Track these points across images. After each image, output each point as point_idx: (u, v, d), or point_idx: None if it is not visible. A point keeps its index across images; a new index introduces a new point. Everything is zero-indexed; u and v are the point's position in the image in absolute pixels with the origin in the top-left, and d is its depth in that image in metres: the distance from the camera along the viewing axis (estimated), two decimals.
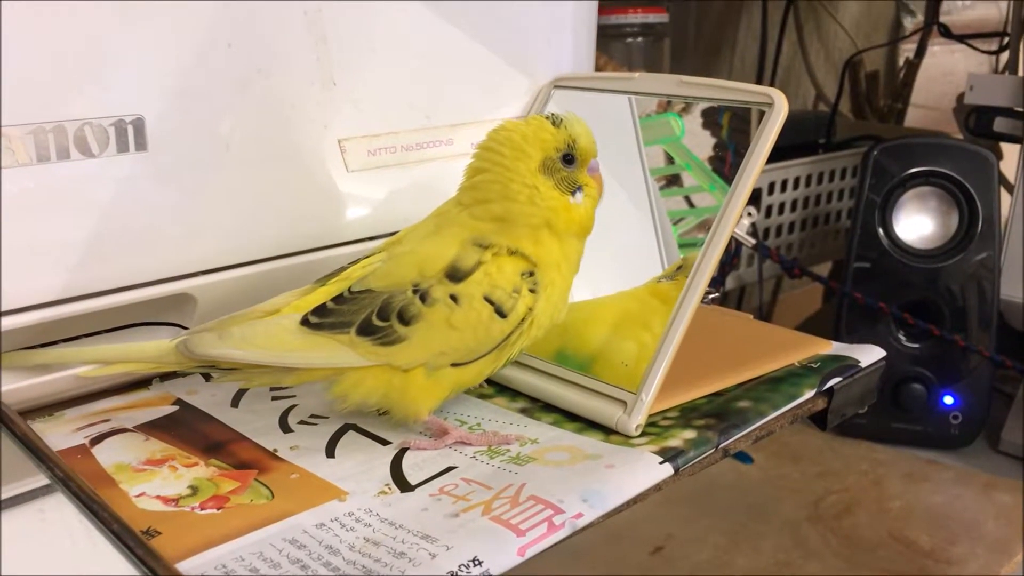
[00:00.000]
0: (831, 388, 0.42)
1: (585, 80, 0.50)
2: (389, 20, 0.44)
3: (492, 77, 0.49)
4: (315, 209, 0.43)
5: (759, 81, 1.12)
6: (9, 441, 0.35)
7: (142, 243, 0.38)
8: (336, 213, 0.44)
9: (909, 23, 1.30)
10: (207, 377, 0.44)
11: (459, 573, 0.29)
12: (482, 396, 0.42)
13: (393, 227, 0.47)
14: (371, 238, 0.46)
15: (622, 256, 0.47)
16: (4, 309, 0.36)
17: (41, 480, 0.34)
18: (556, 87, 0.50)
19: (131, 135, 0.36)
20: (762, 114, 0.42)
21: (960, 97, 0.92)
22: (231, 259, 0.41)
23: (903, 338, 0.77)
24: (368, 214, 0.45)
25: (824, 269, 1.04)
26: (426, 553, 0.30)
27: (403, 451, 0.37)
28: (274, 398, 0.42)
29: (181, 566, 0.29)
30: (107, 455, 0.37)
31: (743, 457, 0.74)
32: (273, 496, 0.34)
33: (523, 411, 0.41)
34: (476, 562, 0.30)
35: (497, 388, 0.43)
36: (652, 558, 0.62)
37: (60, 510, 0.32)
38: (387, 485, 0.35)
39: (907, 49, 1.29)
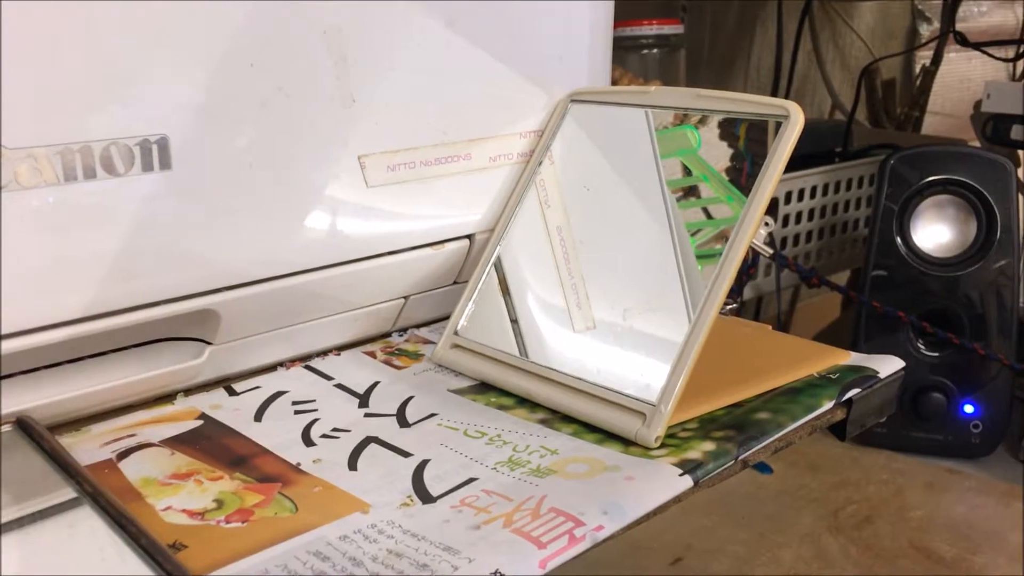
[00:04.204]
0: (850, 399, 0.42)
1: (601, 94, 0.50)
2: (406, 38, 0.44)
3: (509, 92, 0.49)
4: (336, 225, 0.44)
5: (775, 90, 1.12)
6: (38, 455, 0.36)
7: (167, 260, 0.39)
8: (357, 228, 0.45)
9: (925, 30, 1.30)
10: (231, 391, 0.44)
11: None
12: (502, 407, 0.43)
13: (413, 242, 0.47)
14: (391, 252, 0.47)
15: (639, 269, 0.47)
16: (31, 327, 0.36)
17: (70, 493, 0.35)
18: (573, 101, 0.51)
19: (156, 154, 0.37)
20: (779, 125, 0.43)
21: (977, 104, 0.92)
22: (254, 275, 0.42)
23: (922, 347, 0.77)
24: (388, 229, 0.46)
25: (842, 278, 1.04)
26: (448, 565, 0.31)
27: (424, 463, 0.38)
28: (296, 412, 0.43)
29: None
30: (134, 469, 0.37)
31: (762, 467, 0.74)
32: (297, 509, 0.35)
33: (543, 422, 0.41)
34: (498, 575, 0.30)
35: (517, 399, 0.43)
36: (672, 568, 0.63)
37: (90, 523, 0.33)
38: (409, 497, 0.35)
39: (923, 56, 1.28)
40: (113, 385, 0.40)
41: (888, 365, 0.45)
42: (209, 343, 0.43)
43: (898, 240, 0.77)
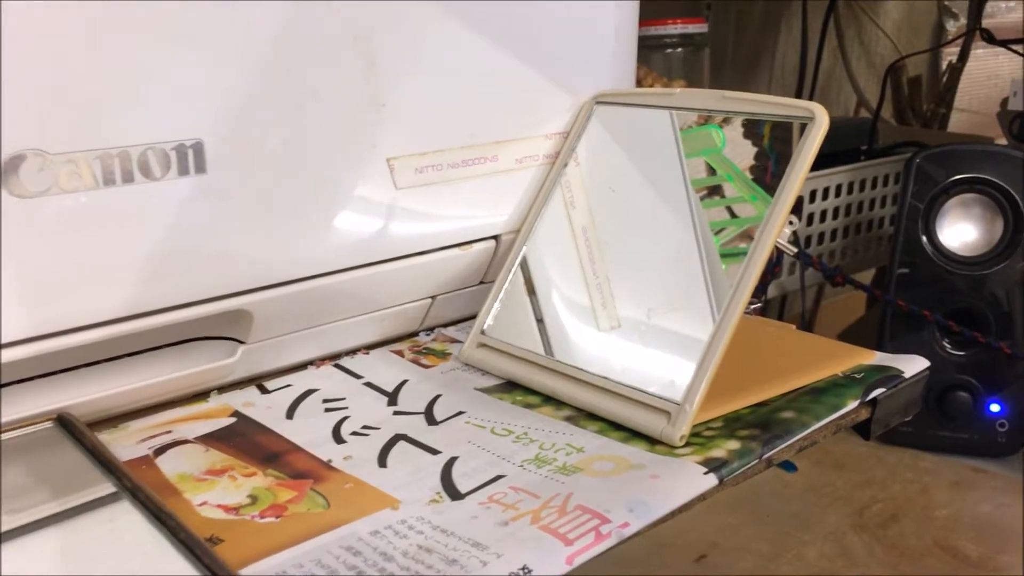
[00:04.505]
0: (875, 399, 0.42)
1: (626, 96, 0.51)
2: (434, 42, 0.45)
3: (535, 94, 0.50)
4: (366, 226, 0.45)
5: (799, 88, 1.11)
6: (78, 451, 0.37)
7: (201, 261, 0.40)
8: (386, 229, 0.45)
9: (952, 27, 1.29)
10: (263, 390, 0.45)
11: None
12: (528, 406, 0.43)
13: (441, 243, 0.48)
14: (419, 253, 0.47)
15: (664, 268, 0.48)
16: (71, 327, 0.37)
17: (109, 488, 0.36)
18: (598, 103, 0.51)
19: (191, 158, 0.38)
20: (804, 126, 0.43)
21: (1004, 102, 0.91)
22: (286, 275, 0.42)
23: (948, 345, 0.77)
24: (416, 230, 0.47)
25: (867, 276, 1.04)
26: (477, 560, 0.32)
27: (452, 460, 0.39)
28: (327, 410, 0.44)
29: (244, 572, 0.31)
30: (170, 465, 0.38)
31: (787, 466, 0.74)
32: (329, 505, 0.36)
33: (569, 419, 0.42)
34: (526, 570, 0.31)
35: (543, 398, 0.44)
36: (696, 566, 0.63)
37: (129, 517, 0.34)
38: (438, 493, 0.36)
39: (950, 53, 1.28)
40: (149, 383, 0.41)
41: (913, 365, 0.45)
42: (242, 342, 0.44)
43: (923, 239, 0.77)
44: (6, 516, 0.35)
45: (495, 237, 0.50)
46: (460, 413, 0.43)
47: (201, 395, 0.45)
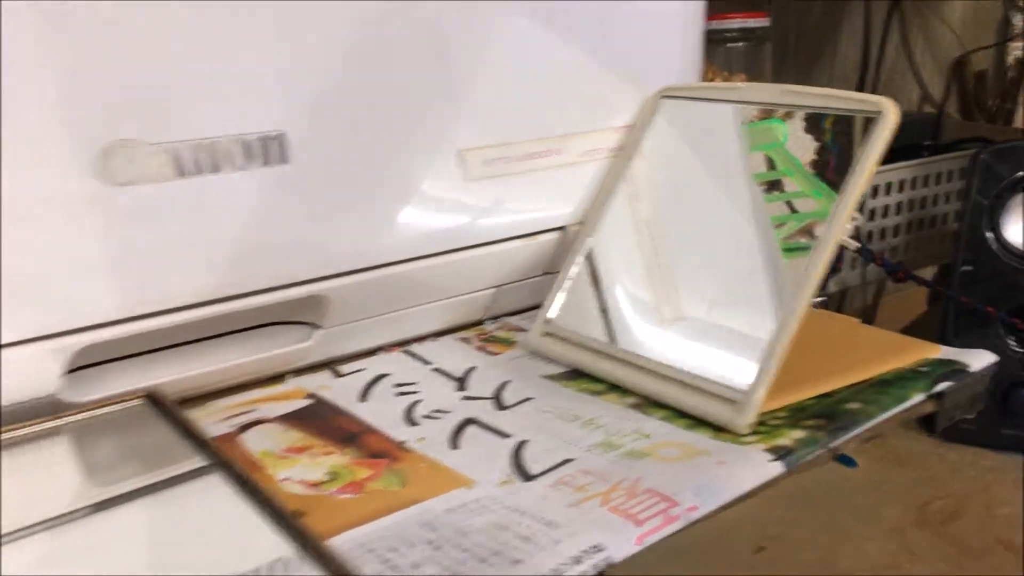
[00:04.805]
0: (941, 392, 0.43)
1: (692, 90, 0.51)
2: (505, 37, 0.46)
3: (601, 89, 0.51)
4: (437, 216, 0.46)
5: (861, 82, 1.10)
6: (165, 427, 0.39)
7: (282, 249, 0.41)
8: (456, 220, 0.47)
9: (1019, 21, 1.27)
10: (336, 373, 0.47)
11: (583, 558, 0.32)
12: (594, 393, 0.44)
13: (508, 233, 0.49)
14: (487, 243, 0.49)
15: (726, 262, 0.48)
16: (160, 309, 0.39)
17: (195, 463, 0.37)
18: (664, 97, 0.52)
19: (274, 149, 0.39)
20: (868, 120, 0.43)
21: None
22: (361, 263, 0.44)
23: (1012, 343, 0.76)
24: (485, 220, 0.48)
25: (927, 273, 1.03)
26: (550, 538, 0.33)
27: (522, 443, 0.40)
28: (398, 394, 0.45)
29: (329, 543, 0.32)
30: (253, 443, 0.40)
31: (847, 461, 0.74)
32: (405, 483, 0.37)
33: (634, 407, 0.43)
34: (598, 548, 0.32)
35: (608, 386, 0.45)
36: (755, 557, 0.63)
37: (216, 491, 0.35)
38: (509, 475, 0.37)
39: (1016, 48, 1.25)
40: (232, 364, 0.43)
41: (980, 359, 0.45)
42: (318, 327, 0.45)
43: (988, 235, 0.76)
44: (98, 488, 0.37)
45: (560, 228, 0.51)
46: (528, 399, 0.44)
47: (277, 378, 0.46)
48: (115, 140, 0.36)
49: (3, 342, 0.36)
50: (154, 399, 0.40)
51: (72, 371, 0.39)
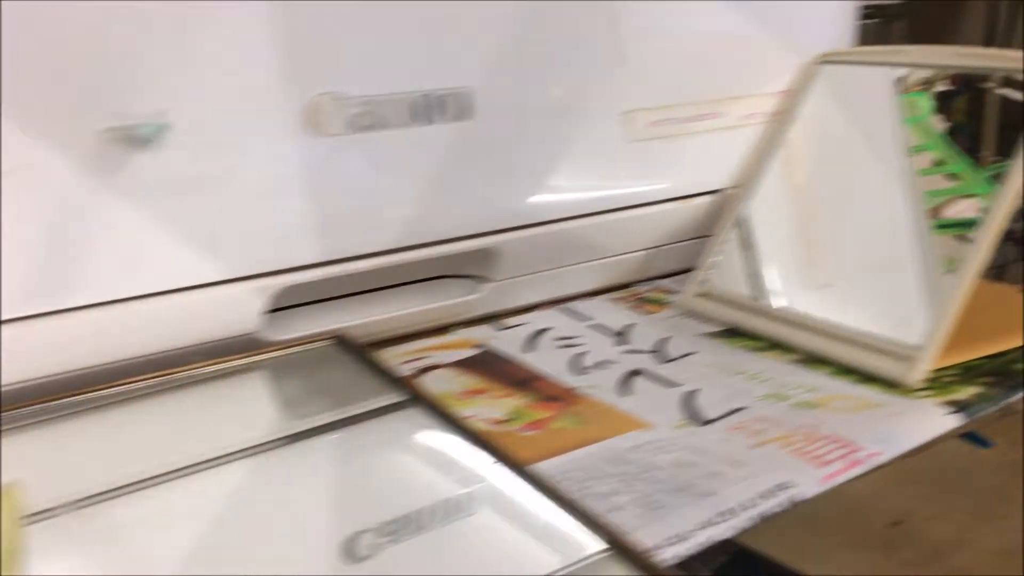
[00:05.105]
0: None
1: (852, 55, 0.52)
2: (673, 5, 0.47)
3: (761, 54, 0.51)
4: (600, 175, 0.47)
5: None
6: (354, 367, 0.41)
7: (462, 200, 0.43)
8: (619, 179, 0.48)
9: None
10: (499, 326, 0.49)
11: (772, 493, 0.33)
12: (755, 350, 0.45)
13: (666, 194, 0.50)
14: (645, 204, 0.50)
15: (878, 228, 0.49)
16: (350, 255, 0.42)
17: (379, 401, 0.39)
18: (822, 63, 0.52)
19: (461, 105, 0.41)
20: (1003, 98, 0.43)
21: None
22: (530, 218, 0.46)
23: None
24: (646, 181, 0.49)
25: None
26: (737, 475, 0.34)
27: (692, 392, 0.41)
28: (561, 346, 0.47)
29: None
30: (433, 384, 0.42)
31: (982, 442, 0.73)
32: (585, 424, 0.38)
33: (798, 362, 0.44)
34: (785, 485, 0.33)
35: (768, 344, 0.46)
36: (891, 530, 0.63)
37: (403, 424, 0.37)
38: (684, 420, 0.39)
39: None
40: (407, 313, 0.45)
41: None
42: (487, 280, 0.47)
43: None
44: (295, 420, 0.39)
45: (715, 192, 0.52)
46: (690, 354, 0.45)
47: (441, 330, 0.48)
48: (320, 95, 0.38)
49: (215, 280, 0.39)
50: (343, 341, 0.42)
51: (270, 312, 0.41)
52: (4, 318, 0.34)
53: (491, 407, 0.40)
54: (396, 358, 0.45)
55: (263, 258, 0.40)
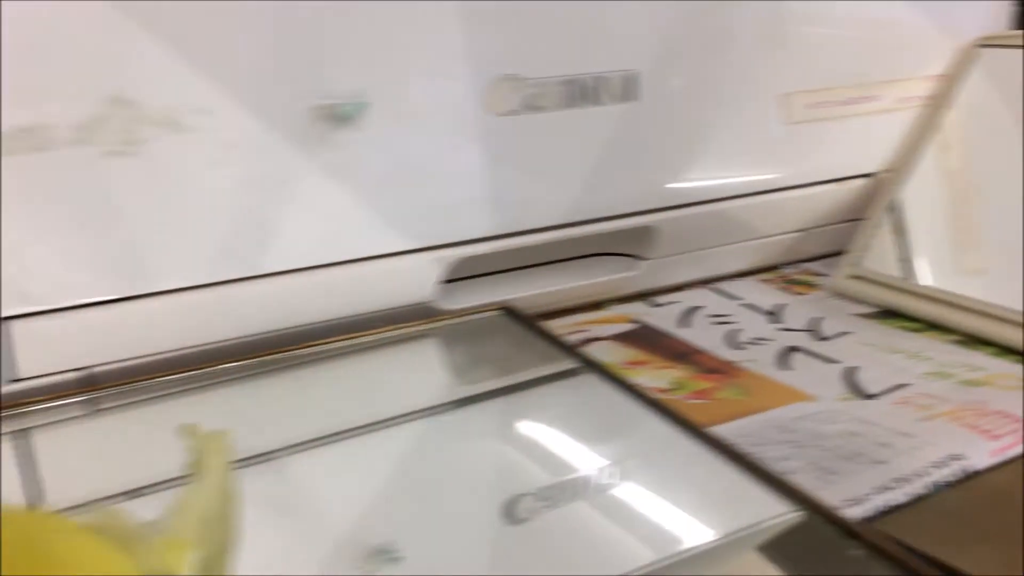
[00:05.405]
0: None
1: (1011, 38, 0.51)
2: None
3: (918, 37, 0.51)
4: (756, 156, 0.48)
5: None
6: (526, 335, 0.43)
7: (627, 178, 0.45)
8: (775, 161, 0.49)
9: None
10: (652, 304, 0.50)
11: (944, 463, 0.33)
12: (913, 331, 0.46)
13: (820, 176, 0.51)
14: (799, 186, 0.51)
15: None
16: (522, 229, 0.44)
17: (545, 369, 0.41)
18: (980, 46, 0.52)
19: (630, 86, 0.43)
20: None
21: None
22: (689, 198, 0.47)
23: None
24: (801, 163, 0.50)
25: None
26: (908, 445, 0.35)
27: (853, 368, 0.42)
28: (715, 323, 0.48)
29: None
30: (596, 355, 0.44)
31: None
32: (748, 394, 0.40)
33: (958, 343, 0.44)
34: (957, 457, 0.34)
35: (925, 325, 0.46)
36: None
37: (577, 391, 0.39)
38: (847, 393, 0.39)
39: None
40: (569, 287, 0.47)
41: None
42: (643, 259, 0.49)
43: None
44: (464, 386, 0.42)
45: (869, 175, 0.53)
46: (846, 333, 0.46)
47: (595, 306, 0.50)
48: (500, 75, 0.41)
49: (399, 250, 0.42)
50: (512, 312, 0.45)
51: (445, 282, 0.44)
52: (227, 278, 0.38)
53: (654, 378, 0.42)
54: (558, 330, 0.47)
55: (441, 230, 0.42)
